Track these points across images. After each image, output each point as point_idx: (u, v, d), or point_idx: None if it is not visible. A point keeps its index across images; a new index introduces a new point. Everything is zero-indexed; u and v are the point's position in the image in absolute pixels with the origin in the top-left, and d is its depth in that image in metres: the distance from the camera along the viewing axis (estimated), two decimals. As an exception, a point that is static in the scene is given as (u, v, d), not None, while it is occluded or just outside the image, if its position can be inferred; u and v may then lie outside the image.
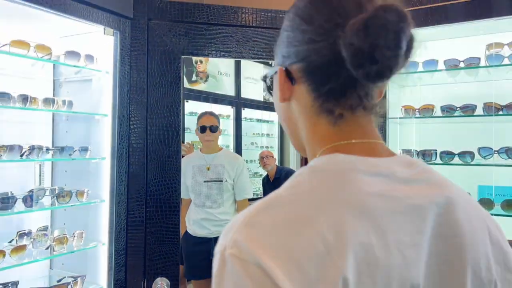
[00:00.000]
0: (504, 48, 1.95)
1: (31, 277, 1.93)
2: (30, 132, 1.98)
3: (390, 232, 0.56)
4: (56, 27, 1.89)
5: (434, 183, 0.63)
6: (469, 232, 0.63)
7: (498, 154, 1.96)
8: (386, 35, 0.56)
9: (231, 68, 5.52)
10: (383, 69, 0.58)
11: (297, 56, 0.65)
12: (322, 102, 0.65)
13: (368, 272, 0.53)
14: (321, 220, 0.53)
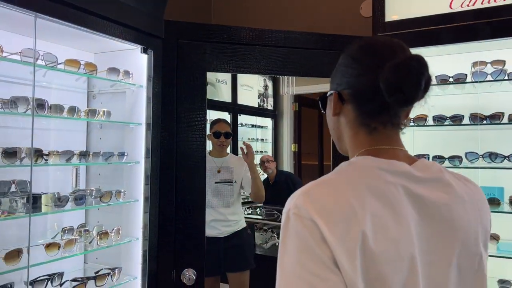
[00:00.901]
0: (487, 65, 2.24)
1: (67, 270, 2.13)
2: (67, 138, 2.19)
3: (399, 211, 0.79)
4: (92, 44, 2.11)
5: (443, 182, 0.88)
6: (464, 218, 0.88)
7: (482, 158, 2.23)
8: (411, 76, 0.82)
9: (228, 76, 5.76)
10: (407, 98, 0.84)
11: (348, 84, 0.92)
12: (362, 118, 0.90)
13: (381, 232, 0.77)
14: (351, 195, 0.78)
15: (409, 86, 0.82)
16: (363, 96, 0.89)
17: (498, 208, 2.17)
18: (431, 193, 0.85)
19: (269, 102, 6.85)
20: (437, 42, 2.21)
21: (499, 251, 2.18)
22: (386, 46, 0.90)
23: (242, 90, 6.19)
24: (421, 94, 0.84)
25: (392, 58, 0.84)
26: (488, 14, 2.10)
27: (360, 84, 0.89)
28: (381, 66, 0.83)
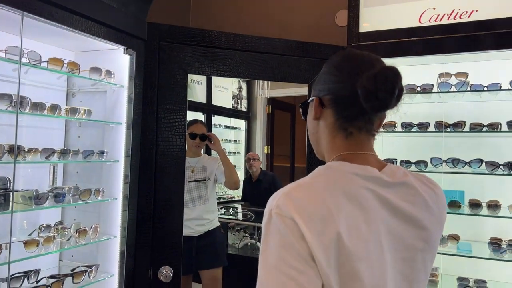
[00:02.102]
0: (452, 77, 2.40)
1: (42, 268, 2.12)
2: (44, 136, 2.19)
3: (369, 213, 0.89)
4: (73, 43, 2.12)
5: (409, 186, 0.97)
6: (427, 219, 0.98)
7: (446, 163, 2.39)
8: (386, 84, 0.90)
9: (203, 77, 5.79)
10: (381, 105, 0.92)
11: (329, 90, 1.00)
12: (340, 122, 0.98)
13: (354, 232, 0.85)
14: (328, 198, 0.86)
15: (383, 93, 0.90)
16: (342, 101, 0.98)
17: (458, 210, 2.33)
18: (397, 196, 0.95)
19: (243, 104, 6.92)
20: (407, 53, 2.34)
21: (459, 250, 2.34)
22: (365, 57, 1.00)
23: (216, 91, 6.23)
24: (394, 102, 0.92)
25: (370, 68, 0.93)
26: (453, 29, 2.26)
27: (340, 90, 0.97)
28: (360, 74, 0.92)
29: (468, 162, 2.33)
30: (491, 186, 2.45)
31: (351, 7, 2.46)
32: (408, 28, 2.35)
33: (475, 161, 2.33)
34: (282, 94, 6.24)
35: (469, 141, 2.52)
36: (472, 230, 2.49)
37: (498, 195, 2.33)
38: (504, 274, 2.36)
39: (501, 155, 2.35)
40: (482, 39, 2.20)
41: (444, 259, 2.38)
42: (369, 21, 2.44)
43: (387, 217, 0.92)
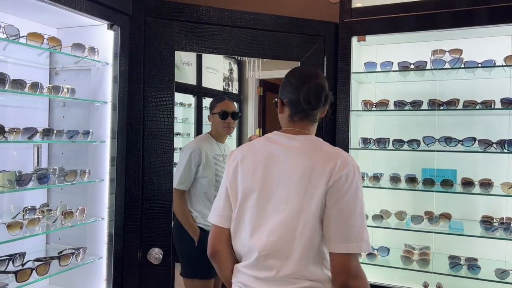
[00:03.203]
0: (445, 54, 2.35)
1: (28, 251, 2.08)
2: (27, 116, 2.11)
3: (262, 158, 1.42)
4: (55, 19, 2.03)
5: (292, 147, 1.42)
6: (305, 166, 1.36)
7: (439, 142, 2.36)
8: (315, 95, 1.43)
9: (193, 58, 5.68)
10: (313, 107, 1.45)
11: (286, 96, 1.50)
12: (291, 115, 1.49)
13: (247, 162, 1.43)
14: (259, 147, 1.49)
15: (314, 100, 1.44)
16: (292, 103, 1.48)
17: (451, 189, 2.31)
18: (279, 150, 1.42)
19: (234, 86, 6.82)
20: (400, 29, 2.29)
21: (451, 229, 2.33)
22: (306, 75, 1.48)
23: (207, 73, 6.12)
24: (322, 104, 1.47)
25: (307, 83, 1.44)
26: (448, 4, 2.20)
27: (292, 96, 1.47)
28: (301, 88, 1.44)
29: (461, 140, 2.31)
30: (483, 165, 2.43)
31: (344, -18, 2.39)
32: (401, 4, 2.29)
33: (468, 139, 2.30)
34: (274, 75, 6.15)
35: (462, 119, 2.50)
36: (464, 209, 2.48)
37: (491, 173, 2.32)
38: (495, 252, 2.36)
39: (494, 133, 2.33)
40: (477, 14, 2.15)
41: (436, 237, 2.38)
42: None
43: (269, 164, 1.41)
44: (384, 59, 2.46)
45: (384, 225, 2.43)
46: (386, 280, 2.33)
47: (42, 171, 1.88)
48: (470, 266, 2.22)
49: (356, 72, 2.45)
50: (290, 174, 1.35)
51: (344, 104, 2.39)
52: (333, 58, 2.40)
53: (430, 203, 2.42)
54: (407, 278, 2.32)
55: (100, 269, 2.08)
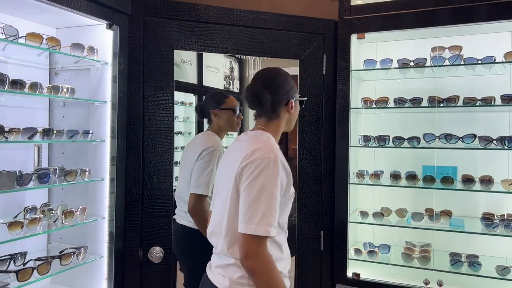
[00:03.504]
0: (445, 51, 2.34)
1: (30, 251, 2.09)
2: (27, 116, 2.12)
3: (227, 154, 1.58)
4: (54, 19, 2.03)
5: (241, 141, 1.55)
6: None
7: (439, 139, 2.35)
8: (247, 96, 1.56)
9: (193, 56, 5.68)
10: (250, 107, 1.58)
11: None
12: (254, 113, 1.61)
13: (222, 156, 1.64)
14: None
15: (249, 102, 1.57)
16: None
17: (451, 186, 2.31)
18: (234, 145, 1.58)
19: (235, 85, 6.83)
20: (399, 26, 2.29)
21: (451, 226, 2.33)
22: (253, 78, 1.61)
23: (207, 71, 6.11)
24: (257, 105, 1.56)
25: (247, 87, 1.60)
26: (447, 0, 2.19)
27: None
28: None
29: (461, 137, 2.30)
30: (484, 161, 2.43)
31: (343, -20, 2.39)
32: (400, 1, 2.28)
33: (468, 136, 2.29)
34: (275, 73, 6.15)
35: (462, 116, 2.49)
36: (464, 206, 2.47)
37: (491, 170, 2.31)
38: (495, 249, 2.36)
39: (494, 130, 2.32)
40: (476, 10, 2.14)
41: (437, 234, 2.38)
42: (361, -6, 2.37)
43: (229, 158, 1.53)
44: (384, 56, 2.46)
45: (384, 222, 2.43)
46: (387, 278, 2.33)
47: (43, 171, 1.89)
48: (471, 263, 2.22)
49: (356, 69, 2.45)
50: (229, 165, 1.50)
51: (343, 101, 2.39)
52: (333, 55, 2.40)
53: (431, 200, 2.42)
54: (408, 275, 2.32)
55: (101, 268, 2.09)
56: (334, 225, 2.40)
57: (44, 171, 1.91)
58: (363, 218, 2.46)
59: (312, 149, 2.39)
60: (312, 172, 2.39)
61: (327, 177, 2.40)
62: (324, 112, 2.40)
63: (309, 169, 2.38)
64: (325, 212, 2.40)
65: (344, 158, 2.39)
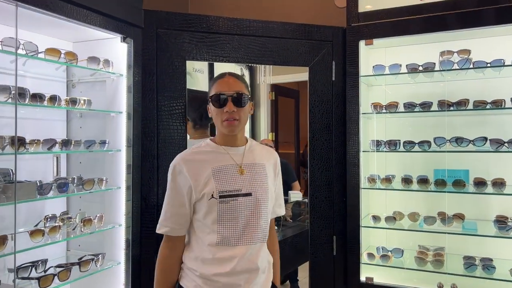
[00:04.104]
0: (454, 55, 2.36)
1: (50, 258, 2.15)
2: (47, 128, 2.19)
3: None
4: (71, 33, 2.11)
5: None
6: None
7: (449, 142, 2.36)
8: None
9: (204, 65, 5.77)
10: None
11: None
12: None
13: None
14: None
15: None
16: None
17: (463, 189, 2.31)
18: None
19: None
20: (407, 32, 2.31)
21: (464, 229, 2.33)
22: None
23: (219, 79, 6.19)
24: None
25: None
26: (455, 5, 2.22)
27: None
28: None
29: (472, 140, 2.31)
30: (496, 164, 2.42)
31: (350, -13, 2.42)
32: (408, 6, 2.31)
33: (479, 139, 2.30)
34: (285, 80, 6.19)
35: (472, 119, 2.49)
36: (477, 209, 2.47)
37: (503, 172, 2.31)
38: (509, 251, 2.35)
39: (505, 132, 2.32)
40: (484, 14, 2.16)
41: (450, 238, 2.38)
42: (369, 1, 2.41)
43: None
44: (393, 61, 2.48)
45: (397, 226, 2.44)
46: (400, 282, 2.34)
47: (62, 180, 1.95)
48: (485, 266, 2.21)
49: (365, 75, 2.48)
50: None
51: (353, 107, 2.42)
52: (342, 62, 2.43)
53: (443, 204, 2.43)
54: (422, 279, 2.32)
55: (119, 274, 2.14)
56: (347, 229, 2.42)
57: (63, 180, 1.97)
58: (375, 222, 2.48)
59: (323, 154, 2.42)
60: (323, 178, 2.41)
61: (338, 182, 2.43)
62: (334, 117, 2.44)
63: (321, 174, 2.41)
64: (337, 217, 2.43)
65: (355, 163, 2.41)
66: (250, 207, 1.45)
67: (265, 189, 1.50)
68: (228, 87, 1.46)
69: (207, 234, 1.45)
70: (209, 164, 1.46)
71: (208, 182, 1.43)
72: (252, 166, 1.51)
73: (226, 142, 1.51)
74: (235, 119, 1.45)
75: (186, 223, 1.49)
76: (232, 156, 1.49)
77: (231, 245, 1.43)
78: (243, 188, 1.45)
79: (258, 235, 1.47)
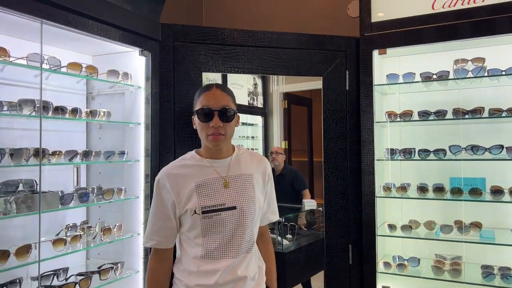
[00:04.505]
0: (468, 63, 2.36)
1: (70, 266, 2.19)
2: (67, 139, 2.25)
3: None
4: (90, 47, 2.18)
5: None
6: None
7: (465, 150, 2.35)
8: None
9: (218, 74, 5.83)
10: None
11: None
12: None
13: None
14: None
15: None
16: None
17: (480, 198, 2.30)
18: None
19: (259, 100, 6.93)
20: (420, 41, 2.32)
21: (482, 238, 2.31)
22: None
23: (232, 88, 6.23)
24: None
25: None
26: (468, 14, 2.23)
27: None
28: None
29: (488, 148, 2.30)
30: (513, 172, 2.40)
31: (363, -2, 2.45)
32: (421, 16, 2.33)
33: (495, 147, 2.29)
34: (298, 88, 6.22)
35: (488, 127, 2.48)
36: (494, 217, 2.45)
37: (521, 180, 2.29)
38: (529, 260, 2.32)
39: (522, 140, 2.31)
40: (498, 23, 2.16)
41: (467, 247, 2.36)
42: (382, 11, 2.43)
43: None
44: (406, 70, 2.50)
45: (413, 235, 2.43)
46: (417, 291, 2.33)
47: (82, 190, 2.01)
48: (504, 275, 2.19)
49: (379, 84, 2.49)
50: None
51: (368, 116, 2.43)
52: (355, 71, 2.46)
53: (459, 213, 2.41)
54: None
55: (137, 282, 2.18)
56: (362, 238, 2.42)
57: (83, 190, 2.02)
58: (391, 231, 2.47)
59: (337, 163, 2.43)
60: (338, 186, 2.43)
61: (353, 191, 2.44)
62: (349, 126, 2.45)
63: (335, 183, 2.43)
64: (352, 225, 2.43)
65: (370, 172, 2.42)
66: (235, 221, 1.43)
67: (251, 201, 1.47)
68: (215, 100, 1.43)
69: (192, 247, 1.45)
70: (193, 178, 1.44)
71: (191, 198, 1.42)
72: (237, 177, 1.48)
73: (211, 155, 1.49)
74: (220, 133, 1.42)
75: (172, 235, 1.48)
76: (216, 169, 1.47)
77: (215, 258, 1.42)
78: (226, 202, 1.43)
79: (242, 247, 1.45)
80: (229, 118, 1.44)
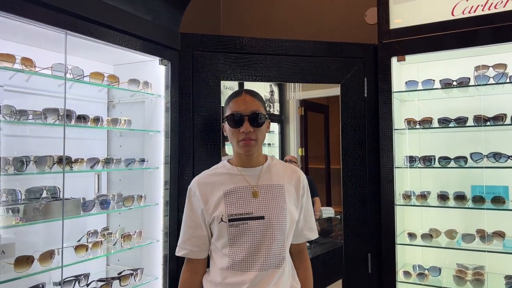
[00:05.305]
0: (489, 69, 2.33)
1: (91, 272, 2.22)
2: (89, 146, 2.30)
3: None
4: (111, 57, 2.22)
5: None
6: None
7: (487, 158, 2.31)
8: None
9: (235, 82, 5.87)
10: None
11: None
12: None
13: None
14: None
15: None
16: None
17: (503, 206, 2.25)
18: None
19: (276, 107, 6.94)
20: (440, 48, 2.30)
21: (505, 248, 2.26)
22: None
23: (249, 95, 6.28)
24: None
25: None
26: (488, 20, 2.20)
27: None
28: None
29: (511, 156, 2.25)
30: (537, 180, 2.35)
31: (381, 4, 2.45)
32: (440, 22, 2.31)
33: (518, 154, 2.24)
34: (314, 95, 6.22)
35: (510, 134, 2.44)
36: (518, 226, 2.39)
37: (545, 189, 2.24)
38: (555, 271, 2.26)
39: (546, 147, 2.26)
40: (520, 29, 2.13)
41: (490, 256, 2.31)
42: (400, 17, 2.42)
43: None
44: (425, 76, 2.47)
45: (433, 244, 2.39)
46: (438, 301, 2.28)
47: (103, 197, 2.04)
48: (529, 286, 2.14)
49: (398, 91, 2.48)
50: None
51: (386, 123, 2.42)
52: (374, 78, 2.45)
53: (481, 221, 2.37)
54: (461, 298, 2.26)
55: (156, 289, 2.20)
56: (382, 247, 2.39)
57: (104, 197, 2.06)
58: (411, 240, 2.44)
59: (356, 171, 2.42)
60: (357, 194, 2.41)
61: (372, 199, 2.42)
62: (367, 134, 2.44)
63: (354, 191, 2.41)
64: (371, 234, 2.41)
65: (389, 179, 2.40)
66: (262, 231, 1.39)
67: (282, 212, 1.42)
68: (245, 105, 1.41)
69: (220, 257, 1.43)
70: (222, 186, 1.43)
71: (218, 205, 1.40)
72: (268, 187, 1.44)
73: (242, 163, 1.47)
74: (251, 139, 1.40)
75: (204, 245, 1.47)
76: (246, 177, 1.45)
77: (241, 270, 1.38)
78: (254, 211, 1.39)
79: (270, 261, 1.39)
80: (259, 123, 1.42)
